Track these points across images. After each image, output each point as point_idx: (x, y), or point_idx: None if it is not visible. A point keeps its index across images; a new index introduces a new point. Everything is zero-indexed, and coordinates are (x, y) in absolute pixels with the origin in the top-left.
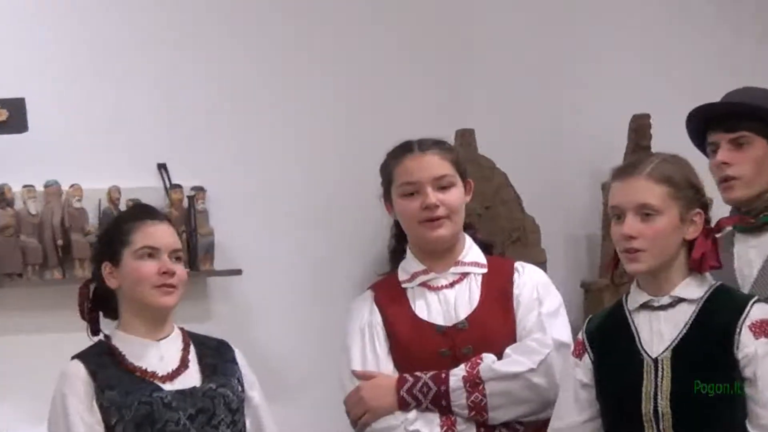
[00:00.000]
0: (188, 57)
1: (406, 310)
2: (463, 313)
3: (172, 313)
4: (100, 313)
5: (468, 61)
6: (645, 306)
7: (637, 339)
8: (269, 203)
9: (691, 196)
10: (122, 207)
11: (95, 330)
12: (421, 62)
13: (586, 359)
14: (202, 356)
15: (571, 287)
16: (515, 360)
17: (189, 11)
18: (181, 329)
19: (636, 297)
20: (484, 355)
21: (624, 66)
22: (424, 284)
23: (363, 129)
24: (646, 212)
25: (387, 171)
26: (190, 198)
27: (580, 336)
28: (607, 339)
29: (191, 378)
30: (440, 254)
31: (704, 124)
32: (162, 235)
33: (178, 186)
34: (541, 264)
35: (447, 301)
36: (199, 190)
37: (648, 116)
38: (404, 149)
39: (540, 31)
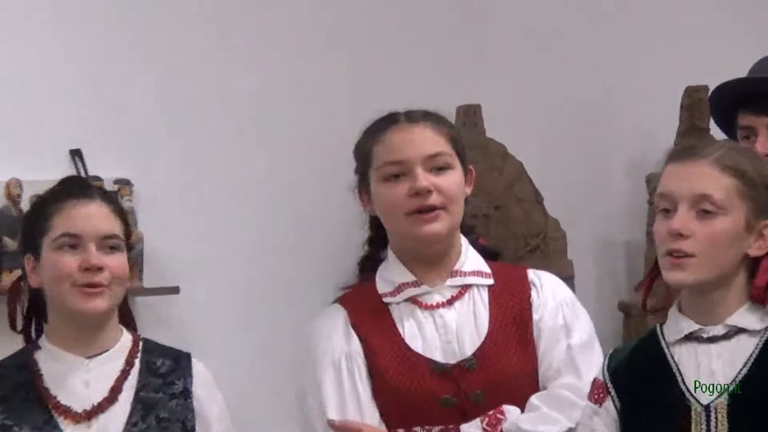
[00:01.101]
0: (110, 19)
1: (391, 336)
2: (470, 345)
3: (112, 320)
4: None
5: (475, 18)
6: (690, 337)
7: (679, 380)
8: (215, 202)
9: (765, 199)
10: (25, 204)
11: (29, 342)
12: (413, 21)
13: (609, 406)
14: (143, 386)
15: (606, 310)
16: (547, 416)
17: None
18: (136, 339)
19: (678, 325)
20: (506, 408)
21: (675, 29)
22: (413, 300)
23: (336, 107)
24: (704, 207)
25: (363, 151)
26: (113, 193)
27: (599, 376)
28: (638, 379)
29: (114, 419)
30: (432, 261)
31: (734, 102)
32: (87, 217)
33: (97, 178)
34: (568, 280)
35: (446, 326)
36: (124, 183)
37: (705, 89)
38: (387, 121)
39: None
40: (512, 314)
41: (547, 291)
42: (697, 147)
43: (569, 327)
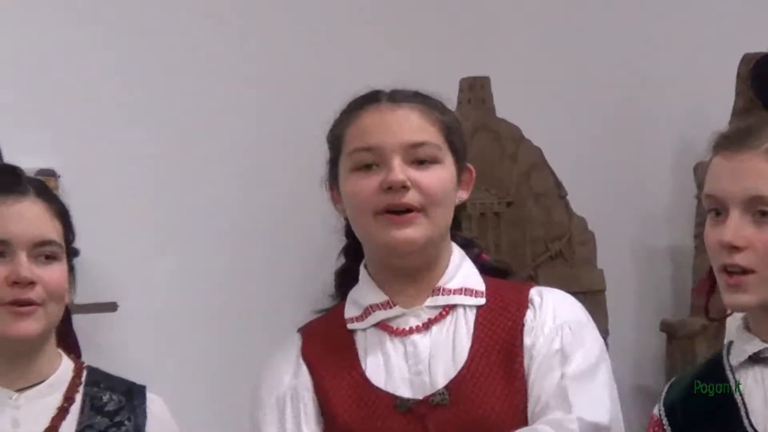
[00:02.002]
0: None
1: (350, 370)
2: (443, 376)
3: (47, 345)
4: None
5: None
6: (758, 359)
7: (743, 412)
8: (162, 200)
9: None
10: None
11: None
12: None
13: None
14: (85, 427)
15: (645, 331)
16: None
17: None
18: (79, 369)
19: (743, 346)
20: None
21: None
22: (382, 325)
23: (314, 82)
24: (762, 209)
25: (335, 134)
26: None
27: (655, 411)
28: (698, 414)
29: None
30: (410, 276)
31: None
32: (16, 219)
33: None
34: (598, 294)
35: (417, 354)
36: (48, 175)
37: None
38: (366, 99)
39: None
40: (500, 339)
41: (547, 311)
42: (747, 133)
43: (567, 353)
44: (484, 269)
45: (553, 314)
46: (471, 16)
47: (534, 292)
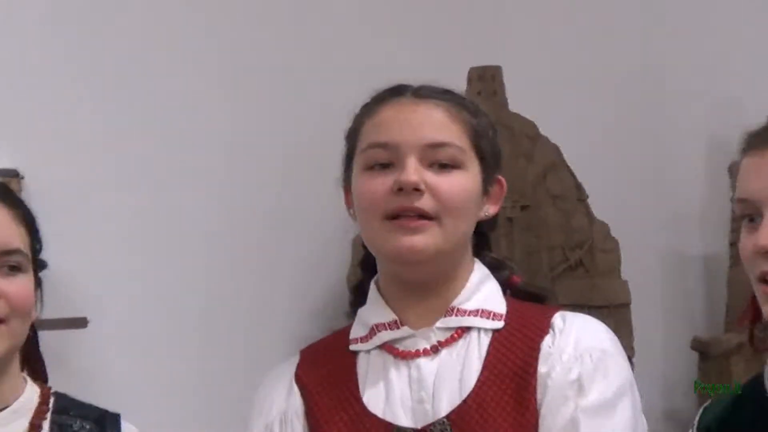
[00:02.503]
0: None
1: (347, 395)
2: (447, 404)
3: (10, 368)
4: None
5: None
6: None
7: None
8: (137, 203)
9: None
10: None
11: None
12: None
13: None
14: None
15: (675, 349)
16: None
17: None
18: (46, 394)
19: None
20: None
21: None
22: (387, 347)
23: (311, 71)
24: None
25: (352, 128)
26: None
27: None
28: None
29: None
30: (422, 293)
31: None
32: None
33: None
34: (623, 308)
35: (421, 380)
36: (10, 176)
37: None
38: (389, 92)
39: None
40: (512, 365)
41: (568, 337)
42: None
43: (584, 384)
44: (516, 294)
45: (574, 341)
46: (482, 3)
47: (558, 317)
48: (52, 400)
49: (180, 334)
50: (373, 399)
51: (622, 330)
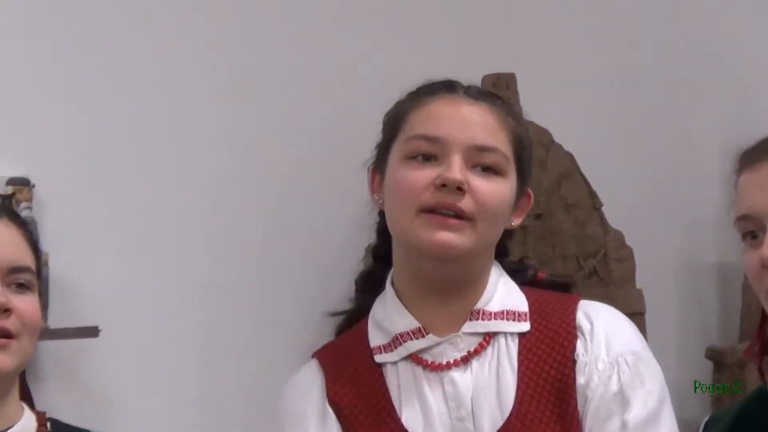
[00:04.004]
0: None
1: (384, 418)
2: (490, 423)
3: (13, 390)
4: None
5: None
6: None
7: None
8: (150, 210)
9: None
10: None
11: None
12: None
13: None
14: None
15: (690, 359)
16: None
17: None
18: (42, 418)
19: None
20: None
21: None
22: (415, 358)
23: (325, 77)
24: None
25: (397, 113)
26: (6, 198)
27: None
28: None
29: None
30: (444, 294)
31: None
32: None
33: None
34: (637, 316)
35: (459, 397)
36: (21, 184)
37: None
38: (441, 86)
39: None
40: (549, 378)
41: (600, 341)
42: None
43: (626, 396)
44: (544, 287)
45: (605, 345)
46: (494, 6)
47: (581, 315)
48: (48, 425)
49: (192, 342)
50: (411, 419)
51: None
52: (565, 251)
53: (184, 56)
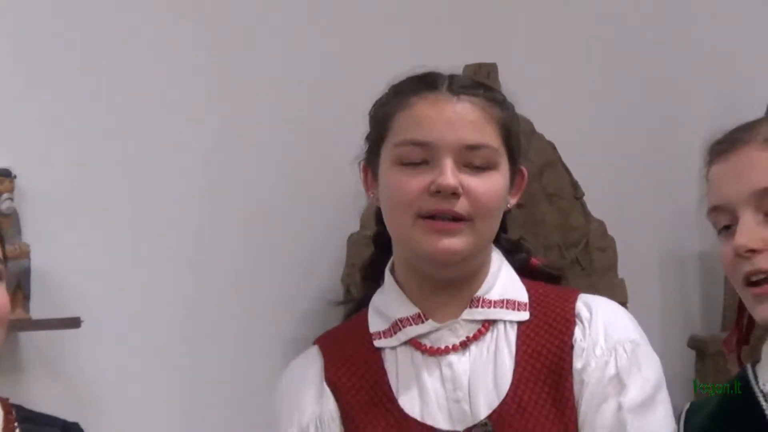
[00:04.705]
0: None
1: (380, 396)
2: (485, 405)
3: None
4: None
5: None
6: None
7: None
8: (132, 200)
9: None
10: None
11: None
12: None
13: None
14: None
15: (672, 348)
16: None
17: None
18: (5, 403)
19: None
20: None
21: None
22: (414, 342)
23: (307, 68)
24: None
25: (383, 112)
26: None
27: None
28: None
29: None
30: (445, 286)
31: None
32: None
33: None
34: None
35: (455, 379)
36: (4, 175)
37: None
38: (424, 82)
39: None
40: (546, 362)
41: (598, 328)
42: (740, 129)
43: (623, 379)
44: (535, 275)
45: (604, 333)
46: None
47: (581, 305)
48: (14, 411)
49: (173, 334)
50: (408, 401)
51: None
52: (548, 241)
53: (169, 52)
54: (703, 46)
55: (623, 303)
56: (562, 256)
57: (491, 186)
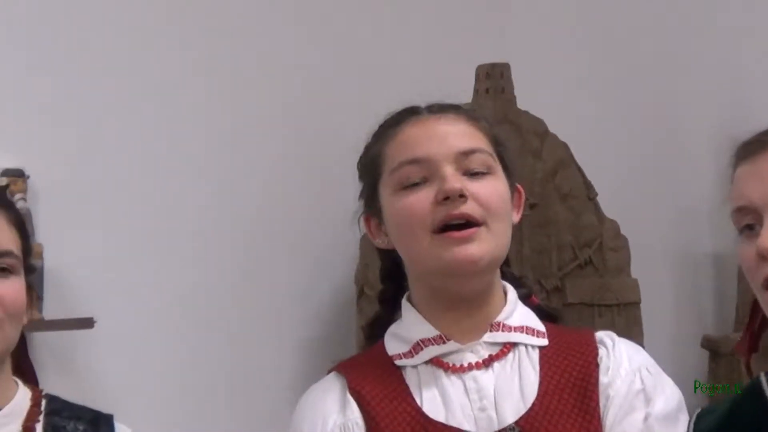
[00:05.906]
0: None
1: (404, 405)
2: (512, 412)
3: (2, 371)
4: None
5: None
6: None
7: None
8: (142, 205)
9: None
10: None
11: None
12: None
13: None
14: None
15: (685, 347)
16: None
17: None
18: (38, 397)
19: None
20: None
21: None
22: (436, 361)
23: (316, 74)
24: None
25: (371, 156)
26: (1, 189)
27: None
28: None
29: None
30: (465, 308)
31: None
32: None
33: None
34: (632, 306)
35: (480, 390)
36: (16, 176)
37: None
38: (403, 113)
39: None
40: (571, 378)
41: (621, 353)
42: (766, 134)
43: (649, 394)
44: (534, 312)
45: (627, 357)
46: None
47: (602, 335)
48: (44, 402)
49: (186, 334)
50: (432, 407)
51: (632, 328)
52: (561, 241)
53: (175, 55)
54: (717, 48)
55: (636, 303)
56: (575, 256)
57: (493, 189)
